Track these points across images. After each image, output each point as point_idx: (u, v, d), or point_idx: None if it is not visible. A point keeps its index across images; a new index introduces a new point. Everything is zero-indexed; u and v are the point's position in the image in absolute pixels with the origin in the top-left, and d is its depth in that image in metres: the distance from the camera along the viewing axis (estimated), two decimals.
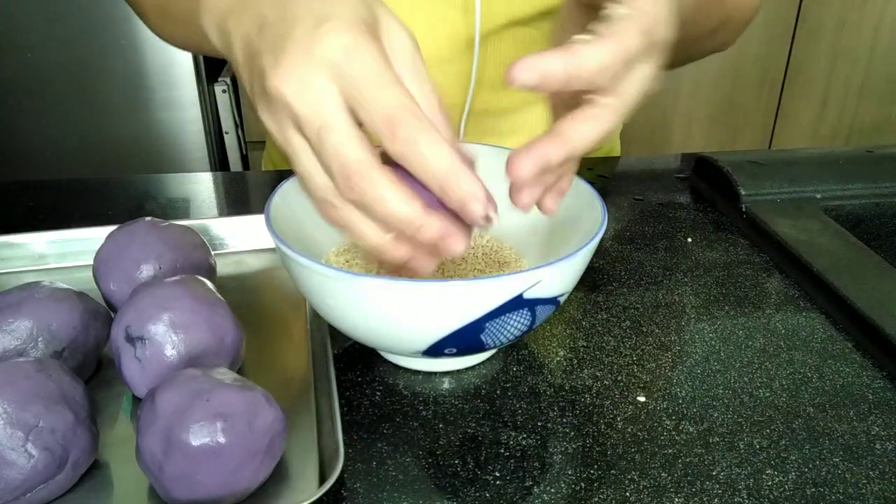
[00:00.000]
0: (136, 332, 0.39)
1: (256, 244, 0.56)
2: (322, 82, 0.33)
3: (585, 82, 0.35)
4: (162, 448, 0.33)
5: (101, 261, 0.46)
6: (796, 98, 2.01)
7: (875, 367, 0.46)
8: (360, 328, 0.40)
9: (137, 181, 0.72)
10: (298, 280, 0.40)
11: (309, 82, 0.33)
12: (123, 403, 0.42)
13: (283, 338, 0.47)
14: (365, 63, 0.33)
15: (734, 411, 0.43)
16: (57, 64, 1.59)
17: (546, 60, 0.33)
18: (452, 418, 0.42)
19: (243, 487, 0.34)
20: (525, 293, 0.37)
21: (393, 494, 0.37)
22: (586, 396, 0.43)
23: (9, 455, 0.33)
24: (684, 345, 0.48)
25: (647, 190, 0.70)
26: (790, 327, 0.50)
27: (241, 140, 1.84)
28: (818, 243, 0.57)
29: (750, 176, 0.65)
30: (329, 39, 0.33)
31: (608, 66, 0.34)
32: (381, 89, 0.33)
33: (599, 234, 0.40)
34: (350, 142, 0.33)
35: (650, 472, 0.38)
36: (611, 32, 0.35)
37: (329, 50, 0.33)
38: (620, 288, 0.54)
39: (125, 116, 1.67)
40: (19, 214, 0.63)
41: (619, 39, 0.35)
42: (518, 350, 0.47)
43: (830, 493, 0.37)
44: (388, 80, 0.33)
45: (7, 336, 0.39)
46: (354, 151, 0.33)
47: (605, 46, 0.34)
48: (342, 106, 0.33)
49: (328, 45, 0.33)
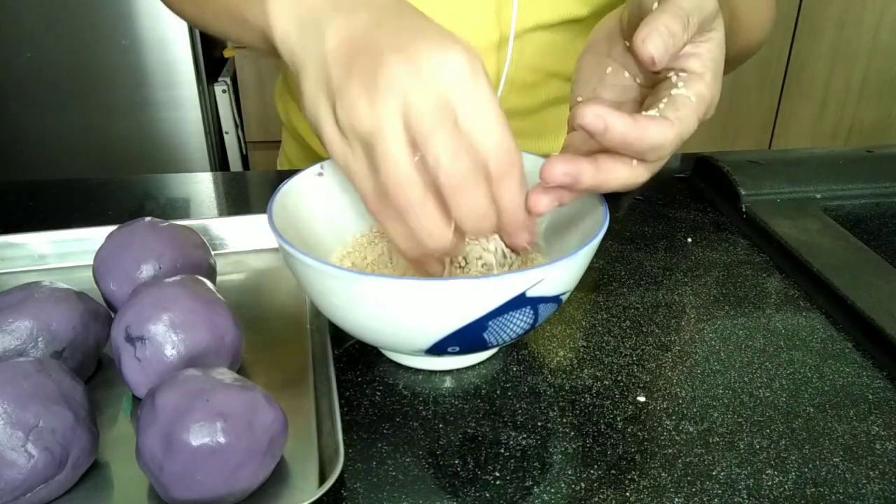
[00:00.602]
0: (136, 332, 0.39)
1: (256, 244, 0.56)
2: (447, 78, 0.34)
3: (635, 151, 0.37)
4: (162, 448, 0.33)
5: (101, 261, 0.46)
6: (796, 98, 2.01)
7: (875, 367, 0.46)
8: (364, 327, 0.40)
9: (137, 181, 0.72)
10: (302, 279, 0.40)
11: (435, 73, 0.34)
12: (123, 403, 0.42)
13: (283, 338, 0.47)
14: (483, 92, 0.35)
15: (734, 411, 0.43)
16: (57, 64, 1.60)
17: (614, 117, 0.35)
18: (452, 418, 0.42)
19: (243, 487, 0.34)
20: (527, 292, 0.37)
21: (393, 494, 0.37)
22: (586, 396, 0.43)
23: (9, 455, 0.33)
24: (684, 345, 0.48)
25: (647, 190, 0.70)
26: (790, 327, 0.50)
27: (241, 140, 1.84)
28: (818, 243, 0.57)
29: (750, 176, 0.65)
30: (458, 45, 0.35)
31: (662, 146, 0.37)
32: (494, 125, 0.35)
33: (601, 233, 0.40)
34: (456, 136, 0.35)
35: (650, 472, 0.38)
36: (676, 118, 0.37)
37: (457, 55, 0.35)
38: (620, 288, 0.54)
39: (125, 116, 1.67)
40: (19, 214, 0.63)
41: (682, 126, 0.37)
42: (518, 350, 0.47)
43: (830, 493, 0.37)
44: (499, 117, 0.35)
45: (7, 336, 0.39)
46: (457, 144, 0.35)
47: (668, 130, 0.36)
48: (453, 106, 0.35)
49: (457, 51, 0.35)
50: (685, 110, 0.37)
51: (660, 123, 0.36)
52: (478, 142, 0.35)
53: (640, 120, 0.36)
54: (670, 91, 0.38)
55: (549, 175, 0.36)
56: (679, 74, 0.39)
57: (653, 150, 0.37)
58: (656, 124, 0.36)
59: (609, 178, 0.37)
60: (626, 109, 0.43)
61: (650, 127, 0.36)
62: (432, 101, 0.34)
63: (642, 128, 0.36)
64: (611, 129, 0.35)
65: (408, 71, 0.34)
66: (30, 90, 1.61)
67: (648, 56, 0.36)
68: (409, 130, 0.35)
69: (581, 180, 0.37)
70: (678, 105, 0.37)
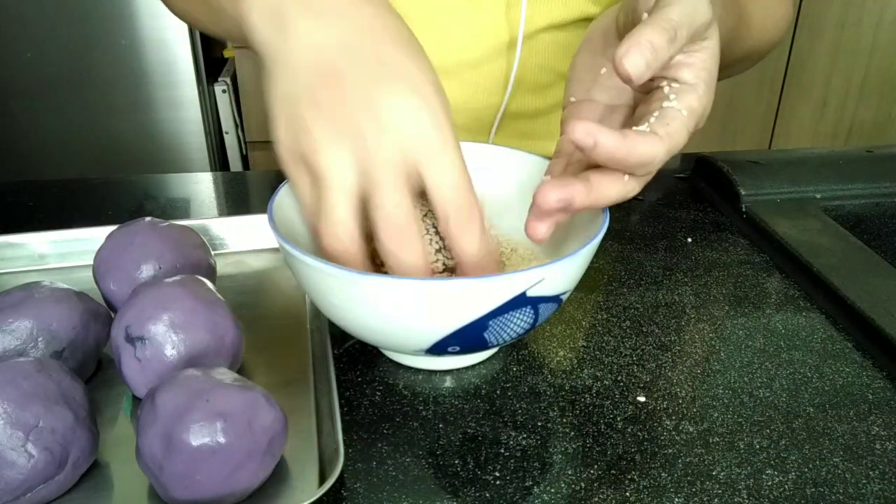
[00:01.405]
0: (136, 332, 0.39)
1: (256, 244, 0.56)
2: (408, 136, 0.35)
3: (624, 167, 0.37)
4: (162, 448, 0.33)
5: (101, 261, 0.46)
6: (796, 98, 2.01)
7: (875, 367, 0.46)
8: (364, 327, 0.40)
9: (137, 181, 0.73)
10: (302, 279, 0.40)
11: (398, 131, 0.35)
12: (123, 403, 0.42)
13: (283, 338, 0.47)
14: (451, 136, 0.36)
15: (734, 411, 0.43)
16: (57, 64, 1.60)
17: (604, 134, 0.35)
18: (452, 418, 0.42)
19: (243, 487, 0.34)
20: (528, 291, 0.37)
21: (393, 494, 0.37)
22: (586, 396, 0.43)
23: (9, 455, 0.33)
24: (684, 345, 0.48)
25: (647, 190, 0.69)
26: (790, 327, 0.50)
27: (241, 140, 1.84)
28: (818, 243, 0.57)
29: (750, 176, 0.65)
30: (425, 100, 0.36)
31: (652, 162, 0.37)
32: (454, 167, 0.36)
33: (602, 232, 0.40)
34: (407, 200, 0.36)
35: (650, 472, 0.38)
36: (666, 133, 0.37)
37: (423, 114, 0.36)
38: (620, 288, 0.54)
39: (125, 116, 1.67)
40: (19, 214, 0.63)
41: (672, 141, 0.37)
42: (518, 350, 0.47)
43: (830, 493, 0.37)
44: (459, 157, 0.36)
45: (7, 336, 0.39)
46: (407, 209, 0.36)
47: (657, 146, 0.36)
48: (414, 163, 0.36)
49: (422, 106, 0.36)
50: (675, 125, 0.37)
51: (648, 140, 0.36)
52: (439, 197, 0.36)
53: (629, 136, 0.36)
54: (661, 103, 0.38)
55: (543, 202, 0.37)
56: (672, 85, 0.39)
57: (641, 165, 0.37)
58: (645, 140, 0.36)
59: (601, 196, 0.38)
60: (619, 114, 0.43)
61: (639, 143, 0.36)
62: (388, 155, 0.35)
63: (631, 144, 0.36)
64: (600, 145, 0.35)
65: (369, 123, 0.35)
66: (30, 90, 1.61)
67: (625, 74, 0.35)
68: (360, 177, 0.36)
69: (574, 203, 0.37)
70: (668, 119, 0.37)
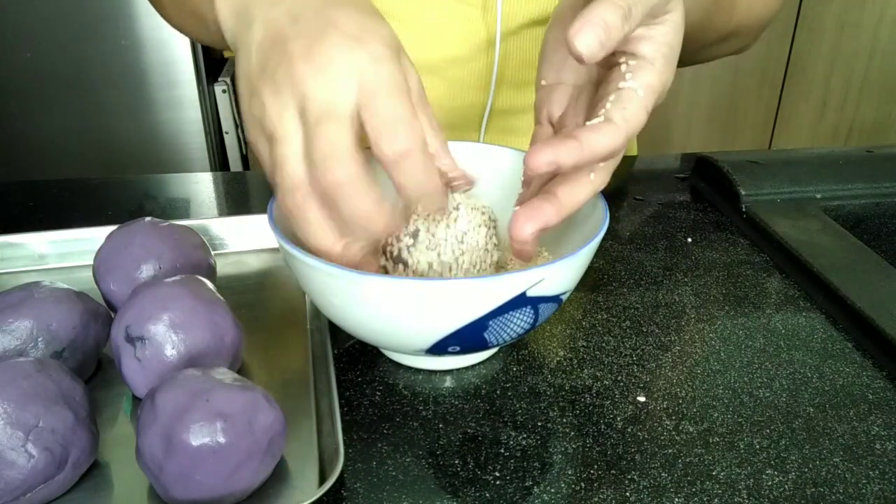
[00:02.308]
0: (136, 332, 0.39)
1: (256, 244, 0.56)
2: (345, 76, 0.35)
3: (590, 166, 0.38)
4: (162, 448, 0.33)
5: (101, 261, 0.46)
6: (796, 98, 2.01)
7: (875, 367, 0.46)
8: (364, 327, 0.40)
9: (137, 181, 0.73)
10: (302, 279, 0.40)
11: (334, 72, 0.35)
12: (123, 403, 0.42)
13: (283, 338, 0.47)
14: (390, 75, 0.35)
15: (734, 411, 0.43)
16: (57, 64, 1.59)
17: (563, 154, 0.36)
18: (452, 418, 0.42)
19: (243, 487, 0.34)
20: (528, 291, 0.37)
21: (393, 494, 0.37)
22: (586, 396, 0.43)
23: (9, 455, 0.33)
24: (684, 345, 0.48)
25: (647, 190, 0.70)
26: (790, 327, 0.50)
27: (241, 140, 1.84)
28: (818, 243, 0.57)
29: (750, 176, 0.65)
30: (365, 46, 0.35)
31: (615, 150, 0.37)
32: (395, 99, 0.35)
33: (602, 232, 0.40)
34: (345, 134, 0.35)
35: (650, 472, 0.38)
36: (622, 118, 0.37)
37: (362, 54, 0.35)
38: (620, 288, 0.54)
39: (125, 116, 1.67)
40: (19, 214, 0.63)
41: (629, 126, 0.37)
42: (518, 350, 0.47)
43: (830, 493, 0.37)
44: (404, 92, 0.36)
45: (7, 336, 0.39)
46: (345, 143, 0.35)
47: (616, 136, 0.36)
48: (353, 103, 0.35)
49: (362, 51, 0.35)
50: (631, 107, 0.37)
51: (606, 133, 0.36)
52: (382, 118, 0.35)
53: (586, 138, 0.36)
54: (618, 84, 0.38)
55: (520, 236, 0.38)
56: (629, 63, 0.38)
57: (603, 159, 0.37)
58: (603, 134, 0.36)
59: (573, 203, 0.38)
60: (586, 93, 0.43)
61: (597, 141, 0.36)
62: (326, 96, 0.35)
63: (591, 146, 0.36)
64: (563, 165, 0.36)
65: (308, 72, 0.35)
66: (30, 90, 1.61)
67: (577, 54, 0.34)
68: (305, 127, 0.35)
69: (550, 224, 0.38)
70: (624, 103, 0.37)
